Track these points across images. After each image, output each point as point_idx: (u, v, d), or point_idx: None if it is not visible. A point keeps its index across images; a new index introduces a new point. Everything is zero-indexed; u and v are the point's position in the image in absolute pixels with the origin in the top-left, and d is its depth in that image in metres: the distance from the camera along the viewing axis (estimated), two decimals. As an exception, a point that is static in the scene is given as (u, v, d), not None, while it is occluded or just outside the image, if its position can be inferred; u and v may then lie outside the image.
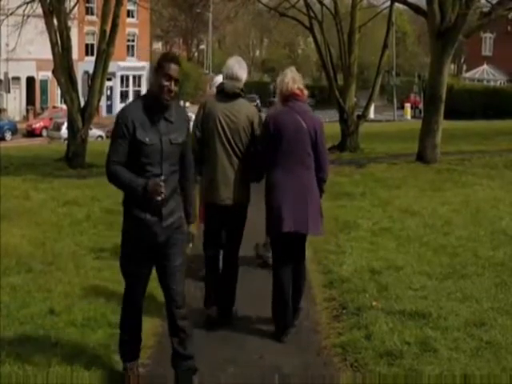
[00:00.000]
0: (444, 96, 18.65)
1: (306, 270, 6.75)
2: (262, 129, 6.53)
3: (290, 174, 6.31)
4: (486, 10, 22.04)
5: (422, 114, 21.86)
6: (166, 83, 5.00)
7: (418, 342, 5.88)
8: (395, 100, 61.54)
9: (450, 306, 6.78)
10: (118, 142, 5.04)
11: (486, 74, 66.55)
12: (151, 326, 6.44)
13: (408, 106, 63.77)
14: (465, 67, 76.22)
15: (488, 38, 67.98)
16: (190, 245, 5.52)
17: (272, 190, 6.38)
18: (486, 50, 69.05)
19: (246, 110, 6.57)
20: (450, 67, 26.64)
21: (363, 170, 17.44)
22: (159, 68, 5.04)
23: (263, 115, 7.17)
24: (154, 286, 7.33)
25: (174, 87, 5.04)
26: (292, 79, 6.45)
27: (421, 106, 52.10)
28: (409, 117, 61.46)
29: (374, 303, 6.90)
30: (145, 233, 5.13)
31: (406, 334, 6.05)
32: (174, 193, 5.19)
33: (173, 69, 5.03)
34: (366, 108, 25.54)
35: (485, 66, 66.63)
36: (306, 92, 6.54)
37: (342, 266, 8.32)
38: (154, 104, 5.07)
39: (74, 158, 21.25)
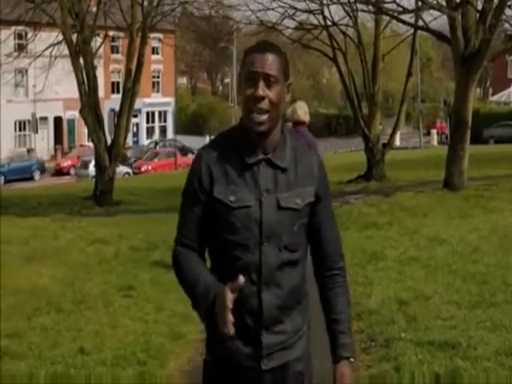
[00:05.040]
0: (470, 121, 18.52)
1: None
2: None
3: None
4: (510, 33, 22.04)
5: (449, 140, 21.77)
6: (250, 90, 2.87)
7: (448, 373, 5.82)
8: (421, 126, 61.32)
9: (480, 335, 6.71)
10: (187, 207, 3.01)
11: (513, 97, 66.18)
12: (178, 366, 6.50)
13: (434, 132, 63.51)
14: (491, 90, 75.84)
15: (513, 60, 67.74)
16: None
17: None
18: (512, 73, 68.80)
19: None
20: (475, 92, 26.56)
21: (390, 199, 17.37)
22: (241, 68, 2.96)
23: None
24: (175, 323, 7.34)
25: (266, 92, 2.86)
26: (300, 111, 8.84)
27: (447, 131, 51.86)
28: (435, 143, 61.19)
29: (402, 334, 6.87)
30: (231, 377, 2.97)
31: (436, 365, 6.00)
32: (293, 305, 2.99)
33: (260, 61, 2.88)
34: (392, 136, 25.56)
35: (511, 89, 66.27)
36: (307, 119, 8.95)
37: (370, 298, 8.29)
38: (244, 136, 2.94)
39: (101, 195, 21.45)
